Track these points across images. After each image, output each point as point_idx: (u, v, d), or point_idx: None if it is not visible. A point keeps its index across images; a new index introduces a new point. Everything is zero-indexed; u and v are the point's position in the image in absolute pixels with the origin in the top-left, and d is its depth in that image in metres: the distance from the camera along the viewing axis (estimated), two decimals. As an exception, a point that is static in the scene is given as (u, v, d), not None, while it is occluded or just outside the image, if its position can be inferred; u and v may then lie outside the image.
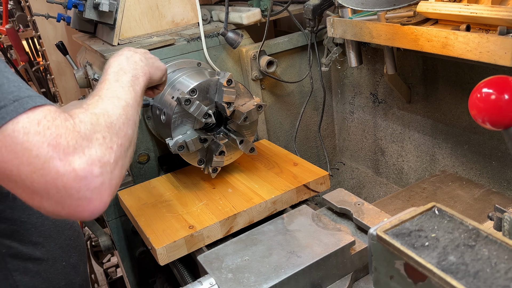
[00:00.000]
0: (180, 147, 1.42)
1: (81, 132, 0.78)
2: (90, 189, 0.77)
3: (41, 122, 0.75)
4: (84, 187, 0.76)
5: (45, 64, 3.01)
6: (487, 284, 0.62)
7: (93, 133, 0.80)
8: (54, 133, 0.75)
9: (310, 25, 1.82)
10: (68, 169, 0.74)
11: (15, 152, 0.73)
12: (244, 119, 1.47)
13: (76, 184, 0.75)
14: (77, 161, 0.75)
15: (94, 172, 0.77)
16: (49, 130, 0.75)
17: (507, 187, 1.55)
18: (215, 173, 1.53)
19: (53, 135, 0.74)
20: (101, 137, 0.81)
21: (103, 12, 1.65)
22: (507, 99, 0.80)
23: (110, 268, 2.93)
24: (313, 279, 1.11)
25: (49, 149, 0.73)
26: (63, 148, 0.75)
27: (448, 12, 1.16)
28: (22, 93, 0.76)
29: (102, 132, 0.82)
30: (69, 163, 0.74)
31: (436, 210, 0.78)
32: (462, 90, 1.59)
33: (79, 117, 0.81)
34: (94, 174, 0.77)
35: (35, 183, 0.74)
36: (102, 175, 0.78)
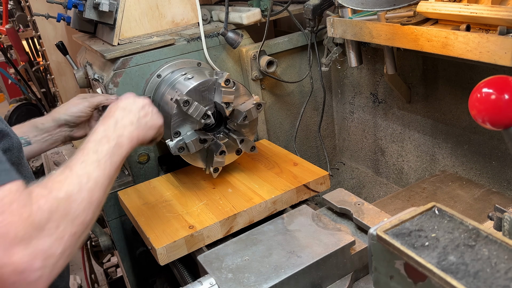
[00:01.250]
0: (181, 149, 1.42)
1: (34, 222, 0.76)
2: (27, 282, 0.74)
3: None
4: (22, 280, 0.74)
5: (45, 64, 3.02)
6: (487, 284, 0.62)
7: (47, 222, 0.78)
8: (6, 220, 0.73)
9: (310, 25, 1.82)
10: (8, 261, 0.72)
11: None
12: (243, 118, 1.47)
13: (13, 277, 0.73)
14: (20, 253, 0.73)
15: (34, 265, 0.75)
16: (2, 216, 0.73)
17: (507, 187, 1.55)
18: (216, 173, 1.53)
19: (4, 223, 0.72)
20: (54, 227, 0.79)
21: (103, 12, 1.65)
22: (507, 99, 0.80)
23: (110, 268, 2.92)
24: (313, 279, 1.11)
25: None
26: (10, 239, 0.72)
27: (448, 12, 1.16)
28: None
29: (57, 222, 0.80)
30: (10, 255, 0.72)
31: (436, 210, 0.78)
32: (462, 90, 1.59)
33: (39, 204, 0.79)
34: (34, 268, 0.75)
35: None
36: (43, 269, 0.76)
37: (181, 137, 1.44)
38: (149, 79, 1.66)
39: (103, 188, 0.94)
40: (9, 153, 1.02)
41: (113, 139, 1.03)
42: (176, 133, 1.43)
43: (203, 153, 1.52)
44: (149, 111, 1.19)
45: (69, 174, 0.89)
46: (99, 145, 1.00)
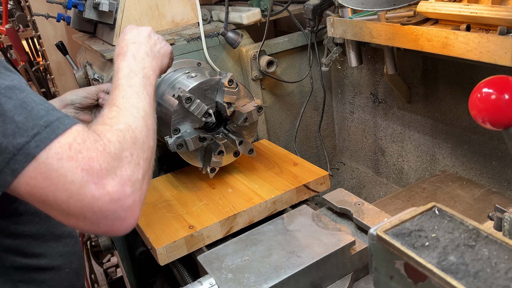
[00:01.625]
0: (179, 146, 1.42)
1: (111, 153, 0.80)
2: (124, 209, 0.79)
3: (72, 146, 0.76)
4: (119, 208, 0.78)
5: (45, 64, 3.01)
6: (487, 284, 0.62)
7: (122, 151, 0.82)
8: (86, 157, 0.76)
9: (310, 25, 1.82)
10: (103, 192, 0.76)
11: (50, 178, 0.74)
12: (244, 119, 1.47)
13: (111, 206, 0.77)
14: (111, 183, 0.77)
15: (126, 192, 0.79)
16: (81, 154, 0.76)
17: (507, 187, 1.55)
18: (213, 173, 1.53)
19: (85, 159, 0.76)
20: (129, 155, 0.83)
21: (103, 12, 1.65)
22: (507, 99, 0.80)
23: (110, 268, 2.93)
24: (313, 279, 1.10)
25: (83, 174, 0.75)
26: (96, 172, 0.76)
27: (448, 12, 1.16)
28: (51, 116, 0.78)
29: (129, 150, 0.84)
30: (103, 186, 0.76)
31: (436, 210, 0.78)
32: (462, 90, 1.59)
33: (107, 137, 0.82)
34: (127, 194, 0.79)
35: (72, 207, 0.76)
36: (134, 194, 0.81)
37: (181, 134, 1.44)
38: (149, 79, 1.66)
39: (152, 114, 0.98)
40: None
41: (139, 72, 1.05)
42: (176, 130, 1.43)
43: (201, 152, 1.52)
44: (155, 39, 1.20)
45: (118, 110, 0.92)
46: (129, 80, 1.02)
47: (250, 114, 1.47)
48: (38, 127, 0.75)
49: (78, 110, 1.49)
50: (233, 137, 1.49)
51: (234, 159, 1.58)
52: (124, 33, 1.19)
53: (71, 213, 0.76)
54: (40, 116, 0.76)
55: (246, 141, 1.52)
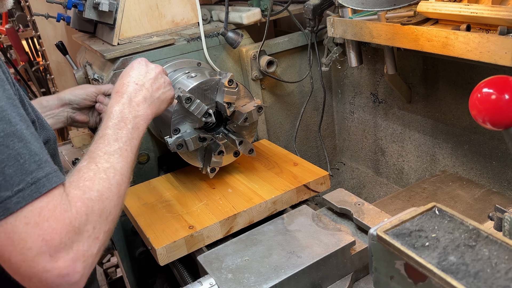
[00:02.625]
0: (179, 146, 1.41)
1: (75, 227, 0.80)
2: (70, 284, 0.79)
3: (43, 212, 0.76)
4: (65, 282, 0.78)
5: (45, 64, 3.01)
6: (487, 284, 0.61)
7: (85, 225, 0.82)
8: (51, 227, 0.76)
9: (310, 25, 1.82)
10: (54, 265, 0.76)
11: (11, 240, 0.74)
12: (244, 119, 1.46)
13: (58, 280, 0.77)
14: (64, 257, 0.77)
15: (77, 268, 0.79)
16: (47, 223, 0.76)
17: (507, 187, 1.55)
18: (213, 173, 1.53)
19: (49, 229, 0.76)
20: (91, 229, 0.83)
21: (103, 12, 1.65)
22: (507, 99, 0.80)
23: (110, 268, 2.93)
24: (313, 279, 1.10)
25: (43, 244, 0.75)
26: (55, 244, 0.76)
27: (448, 12, 1.16)
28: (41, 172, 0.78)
29: (93, 223, 0.83)
30: (56, 260, 0.76)
31: (436, 210, 0.77)
32: (463, 90, 1.59)
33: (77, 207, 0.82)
34: (76, 270, 0.79)
35: (21, 270, 0.76)
36: (84, 269, 0.81)
37: (180, 134, 1.44)
38: (149, 79, 1.66)
39: (128, 177, 0.97)
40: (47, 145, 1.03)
41: (130, 121, 1.04)
42: (176, 130, 1.43)
43: (201, 152, 1.52)
44: (161, 82, 1.17)
45: (96, 169, 0.91)
46: (118, 131, 1.01)
47: (250, 114, 1.47)
48: (24, 183, 0.75)
49: (75, 110, 1.49)
50: (233, 137, 1.49)
51: (234, 159, 1.58)
52: (132, 67, 1.17)
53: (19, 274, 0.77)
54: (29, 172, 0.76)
55: (246, 141, 1.52)
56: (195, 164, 1.53)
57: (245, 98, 1.50)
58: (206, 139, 1.45)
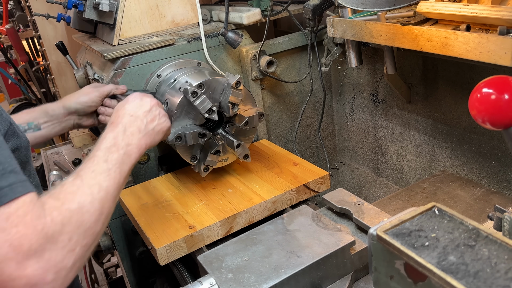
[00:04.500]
0: (178, 138, 1.41)
1: (48, 234, 0.76)
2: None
3: (11, 217, 0.73)
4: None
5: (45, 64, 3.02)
6: (487, 284, 0.62)
7: (60, 234, 0.78)
8: (20, 233, 0.73)
9: (310, 25, 1.82)
10: (21, 274, 0.72)
11: None
12: (245, 123, 1.48)
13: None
14: (34, 266, 0.73)
15: (46, 278, 0.75)
16: (16, 228, 0.73)
17: (507, 187, 1.55)
18: (206, 172, 1.52)
19: (18, 235, 0.72)
20: (66, 239, 0.79)
21: (103, 12, 1.65)
22: (507, 99, 0.80)
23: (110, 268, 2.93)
24: (313, 279, 1.10)
25: (10, 249, 0.71)
26: (24, 251, 0.72)
27: (448, 12, 1.16)
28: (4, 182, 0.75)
29: (69, 234, 0.80)
30: (24, 268, 0.72)
31: (436, 210, 0.78)
32: (462, 90, 1.59)
33: (52, 215, 0.79)
34: (46, 281, 0.75)
35: None
36: (54, 281, 0.76)
37: (181, 127, 1.44)
38: (149, 79, 1.66)
39: (113, 197, 0.94)
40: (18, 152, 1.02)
41: (122, 148, 1.03)
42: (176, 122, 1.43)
43: (197, 150, 1.51)
44: (156, 114, 1.19)
45: (81, 184, 0.89)
46: (108, 154, 1.00)
47: (251, 118, 1.48)
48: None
49: (81, 117, 1.50)
50: (232, 139, 1.49)
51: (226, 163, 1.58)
52: (127, 101, 1.18)
53: None
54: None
55: (244, 145, 1.51)
56: (188, 160, 1.52)
57: (248, 103, 1.51)
58: (206, 135, 1.44)
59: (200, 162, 1.51)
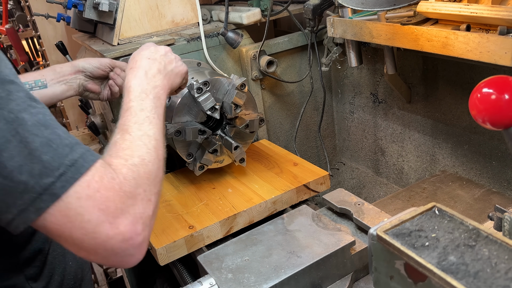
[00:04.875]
0: (177, 132, 1.41)
1: (126, 192, 0.81)
2: (134, 247, 0.81)
3: (91, 184, 0.77)
4: (130, 246, 0.80)
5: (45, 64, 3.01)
6: (487, 284, 0.62)
7: (136, 188, 0.83)
8: (103, 196, 0.78)
9: (310, 25, 1.82)
10: (116, 231, 0.78)
11: (68, 216, 0.75)
12: (245, 126, 1.48)
13: (123, 245, 0.79)
14: (124, 222, 0.79)
15: (137, 230, 0.81)
16: (99, 193, 0.77)
17: (507, 187, 1.55)
18: (201, 171, 1.51)
19: (102, 198, 0.77)
20: (142, 192, 0.84)
21: (103, 12, 1.65)
22: (507, 99, 0.80)
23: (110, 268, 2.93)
24: (313, 279, 1.10)
25: (100, 213, 0.77)
26: (112, 211, 0.78)
27: (448, 12, 1.16)
28: (75, 154, 0.78)
29: (143, 186, 0.85)
30: (117, 226, 0.78)
31: (436, 210, 0.77)
32: (462, 90, 1.59)
33: (123, 173, 0.83)
34: (138, 232, 0.81)
35: (85, 244, 0.78)
36: (144, 231, 0.83)
37: (181, 122, 1.44)
38: (149, 79, 1.66)
39: (162, 142, 0.98)
40: None
41: (150, 92, 1.06)
42: (177, 116, 1.43)
43: (194, 147, 1.50)
44: (172, 58, 1.20)
45: (131, 138, 0.93)
46: (141, 101, 1.02)
47: (252, 122, 1.49)
48: (64, 166, 0.76)
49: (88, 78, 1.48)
50: (231, 141, 1.49)
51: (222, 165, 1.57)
52: (141, 48, 1.20)
53: (83, 248, 0.78)
54: (65, 155, 0.77)
55: (241, 148, 1.51)
56: (184, 157, 1.51)
57: (249, 108, 1.52)
58: (206, 132, 1.44)
59: (196, 160, 1.51)
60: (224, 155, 1.55)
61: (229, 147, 1.48)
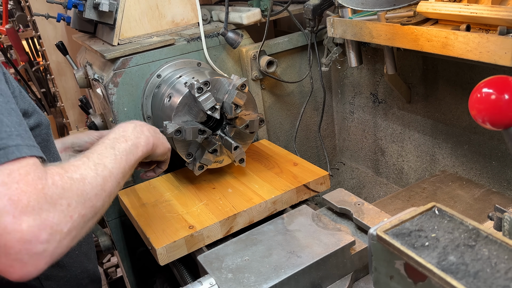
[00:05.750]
0: (177, 132, 1.40)
1: (47, 195, 0.77)
2: (30, 254, 0.74)
3: (13, 174, 0.74)
4: (25, 250, 0.74)
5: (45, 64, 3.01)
6: (487, 284, 0.62)
7: (60, 198, 0.79)
8: (20, 189, 0.74)
9: (310, 25, 1.82)
10: (17, 228, 0.72)
11: None
12: (245, 126, 1.48)
13: (18, 245, 0.73)
14: (29, 222, 0.73)
15: (40, 237, 0.75)
16: (16, 184, 0.74)
17: (507, 187, 1.55)
18: (201, 170, 1.51)
19: (17, 191, 0.73)
20: (65, 204, 0.80)
21: (103, 12, 1.65)
22: (507, 99, 0.80)
23: (110, 268, 2.93)
24: (313, 279, 1.10)
25: (8, 203, 0.72)
26: (21, 206, 0.73)
27: (448, 12, 1.16)
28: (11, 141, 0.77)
29: (68, 199, 0.80)
30: (19, 222, 0.73)
31: (436, 210, 0.78)
32: (462, 90, 1.59)
33: (54, 179, 0.80)
34: (40, 240, 0.75)
35: None
36: (48, 243, 0.76)
37: (181, 122, 1.44)
38: (149, 79, 1.66)
39: (117, 180, 0.96)
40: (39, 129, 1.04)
41: (131, 139, 1.06)
42: (177, 116, 1.43)
43: (194, 147, 1.50)
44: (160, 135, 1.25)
45: (86, 161, 0.92)
46: (116, 143, 1.03)
47: (252, 122, 1.49)
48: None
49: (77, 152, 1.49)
50: (230, 141, 1.49)
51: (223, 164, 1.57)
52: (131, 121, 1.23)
53: None
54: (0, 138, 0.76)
55: (241, 148, 1.51)
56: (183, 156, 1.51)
57: (249, 108, 1.52)
58: (206, 132, 1.44)
59: (195, 160, 1.51)
60: (224, 155, 1.55)
61: (229, 147, 1.48)
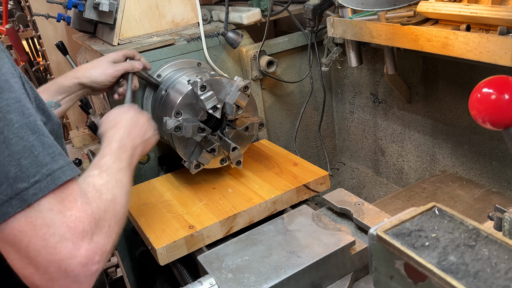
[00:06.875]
0: (177, 128, 1.40)
1: (96, 219, 0.82)
2: (86, 275, 0.79)
3: (64, 201, 0.78)
4: (83, 272, 0.78)
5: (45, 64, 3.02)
6: (487, 284, 0.62)
7: (104, 221, 0.84)
8: (74, 216, 0.78)
9: (310, 25, 1.82)
10: (76, 253, 0.77)
11: (33, 225, 0.74)
12: (245, 128, 1.48)
13: (77, 268, 0.77)
14: (86, 246, 0.78)
15: (94, 259, 0.80)
16: (70, 212, 0.78)
17: (507, 187, 1.55)
18: (197, 169, 1.51)
19: (72, 217, 0.78)
20: (107, 225, 0.85)
21: (103, 12, 1.65)
22: (507, 99, 0.80)
23: (110, 268, 2.92)
24: (313, 279, 1.10)
25: (67, 230, 0.76)
26: (79, 232, 0.78)
27: (448, 12, 1.16)
28: (55, 165, 0.78)
29: (109, 221, 0.86)
30: (78, 248, 0.77)
31: (436, 210, 0.78)
32: (462, 90, 1.59)
33: (97, 203, 0.85)
34: (94, 261, 0.80)
35: (39, 258, 0.75)
36: (99, 263, 0.81)
37: (181, 118, 1.44)
38: (149, 79, 1.66)
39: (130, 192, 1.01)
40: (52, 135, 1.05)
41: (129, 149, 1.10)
42: (178, 113, 1.43)
43: (192, 146, 1.50)
44: (149, 128, 1.26)
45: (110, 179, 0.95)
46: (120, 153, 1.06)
47: (252, 125, 1.49)
48: (40, 174, 0.75)
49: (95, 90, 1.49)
50: (229, 142, 1.49)
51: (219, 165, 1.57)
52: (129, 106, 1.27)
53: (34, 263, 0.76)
54: (44, 163, 0.77)
55: (239, 150, 1.51)
56: (181, 154, 1.51)
57: (250, 111, 1.52)
58: (206, 130, 1.44)
59: (192, 158, 1.51)
60: (222, 156, 1.55)
61: (227, 148, 1.48)
